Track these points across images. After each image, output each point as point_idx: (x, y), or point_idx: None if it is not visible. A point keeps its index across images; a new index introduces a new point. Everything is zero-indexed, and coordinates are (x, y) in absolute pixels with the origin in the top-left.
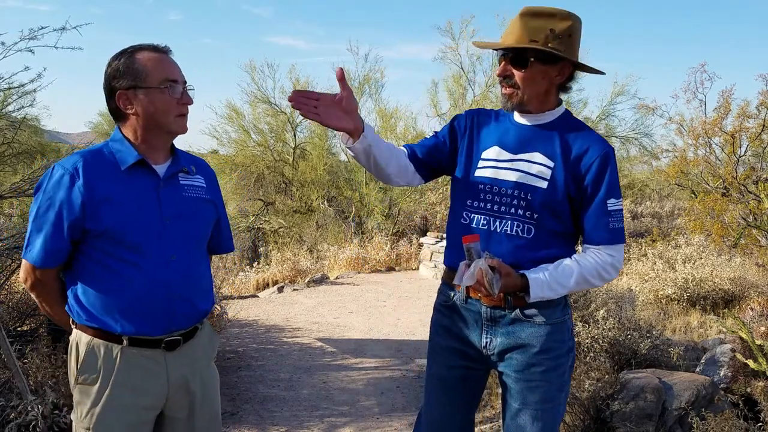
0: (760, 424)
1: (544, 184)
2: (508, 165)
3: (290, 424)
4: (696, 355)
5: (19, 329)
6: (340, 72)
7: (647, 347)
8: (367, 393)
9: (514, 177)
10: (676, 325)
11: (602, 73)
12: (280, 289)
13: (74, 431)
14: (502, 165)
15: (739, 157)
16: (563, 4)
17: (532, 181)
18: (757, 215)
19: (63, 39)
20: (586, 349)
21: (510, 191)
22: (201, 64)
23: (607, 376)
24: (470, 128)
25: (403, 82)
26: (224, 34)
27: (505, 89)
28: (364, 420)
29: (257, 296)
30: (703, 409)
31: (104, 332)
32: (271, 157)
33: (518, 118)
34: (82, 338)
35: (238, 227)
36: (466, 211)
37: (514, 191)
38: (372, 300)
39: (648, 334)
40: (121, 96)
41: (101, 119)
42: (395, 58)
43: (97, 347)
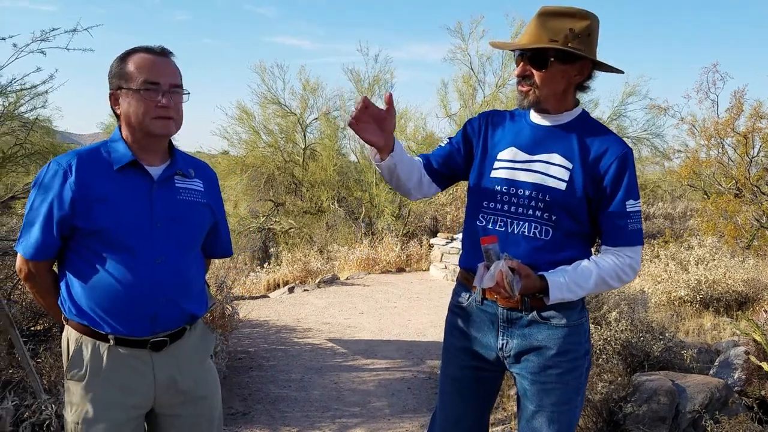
0: None
1: (562, 186)
2: (525, 166)
3: (302, 425)
4: (709, 358)
5: (32, 329)
6: (389, 97)
7: (660, 349)
8: (378, 394)
9: (532, 178)
10: (689, 327)
11: (621, 71)
12: (291, 290)
13: (65, 425)
14: (518, 166)
15: (752, 158)
16: (576, 3)
17: (550, 183)
18: None
19: (74, 40)
20: (598, 351)
21: (527, 193)
22: (205, 64)
23: (619, 379)
24: (484, 130)
25: (412, 83)
26: (226, 34)
27: (521, 87)
28: (375, 421)
29: (268, 297)
30: (717, 412)
31: (92, 330)
32: (282, 158)
33: (535, 118)
34: (71, 334)
35: (249, 228)
36: (482, 213)
37: (532, 193)
38: (382, 301)
39: (661, 336)
40: (111, 97)
41: (112, 120)
42: (404, 58)
43: (86, 344)
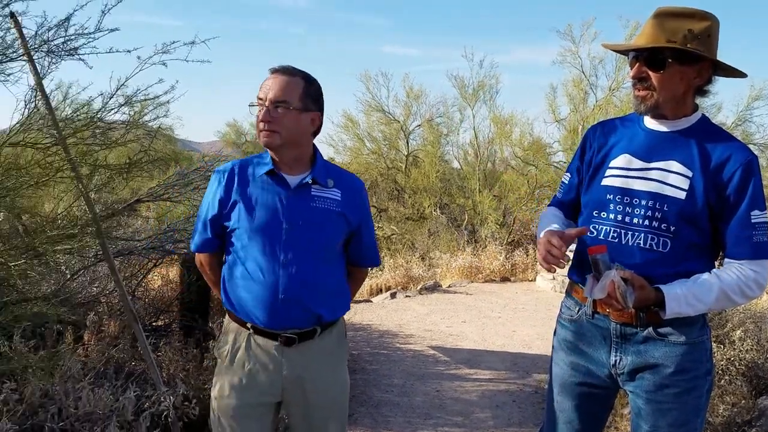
0: None
1: (682, 195)
2: (640, 174)
3: (404, 430)
4: None
5: (154, 324)
6: (583, 231)
7: None
8: (482, 405)
9: (649, 187)
10: None
11: (744, 74)
12: (393, 295)
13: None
14: (633, 174)
15: None
16: (696, 5)
17: (668, 192)
18: None
19: (192, 52)
20: (720, 372)
21: (644, 202)
22: (317, 76)
23: (743, 401)
24: (596, 140)
25: (519, 87)
26: (339, 45)
27: (638, 91)
28: None
29: (371, 301)
30: None
31: (236, 317)
32: (384, 165)
33: (650, 123)
34: (227, 318)
35: None
36: (593, 222)
37: (648, 202)
38: (486, 310)
39: None
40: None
41: (228, 129)
42: (510, 62)
43: (232, 329)
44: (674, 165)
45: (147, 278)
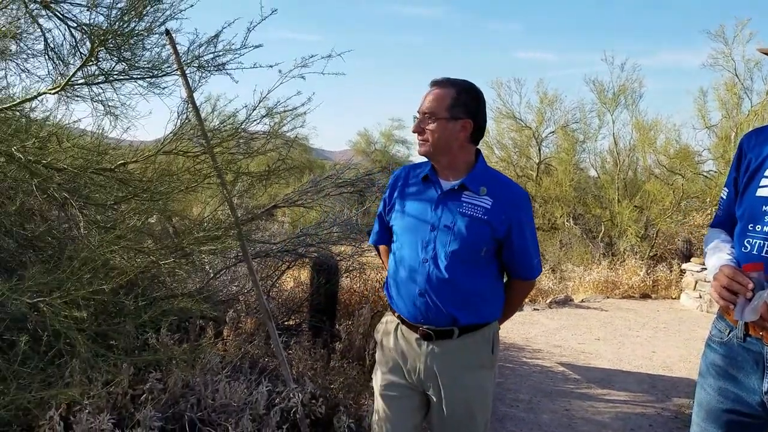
0: None
1: None
2: None
3: None
4: None
5: (286, 323)
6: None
7: None
8: (615, 427)
9: None
10: None
11: None
12: (520, 308)
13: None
14: None
15: None
16: None
17: None
18: None
19: (329, 65)
20: None
21: None
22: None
23: None
24: (751, 148)
25: (664, 92)
26: (472, 53)
27: None
28: None
29: None
30: None
31: (390, 305)
32: (514, 173)
33: None
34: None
35: None
36: (747, 237)
37: None
38: (622, 328)
39: None
40: None
41: (359, 138)
42: (654, 66)
43: (388, 314)
44: None
45: (281, 279)
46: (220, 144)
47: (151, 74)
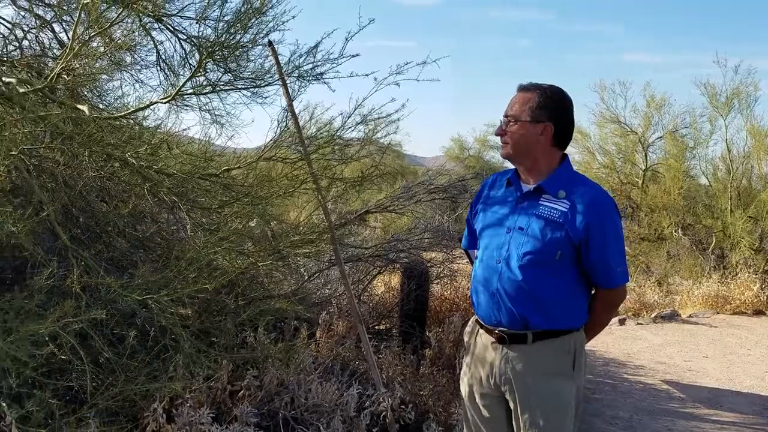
0: None
1: None
2: None
3: None
4: None
5: (376, 328)
6: None
7: None
8: None
9: None
10: None
11: None
12: (622, 322)
13: None
14: None
15: None
16: None
17: None
18: None
19: (424, 72)
20: None
21: None
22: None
23: None
24: None
25: None
26: (567, 58)
27: None
28: None
29: None
30: None
31: (473, 307)
32: (617, 180)
33: None
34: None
35: None
36: None
37: None
38: (734, 346)
39: None
40: None
41: (453, 144)
42: None
43: (472, 320)
44: None
45: (372, 284)
46: (316, 150)
47: (254, 84)
